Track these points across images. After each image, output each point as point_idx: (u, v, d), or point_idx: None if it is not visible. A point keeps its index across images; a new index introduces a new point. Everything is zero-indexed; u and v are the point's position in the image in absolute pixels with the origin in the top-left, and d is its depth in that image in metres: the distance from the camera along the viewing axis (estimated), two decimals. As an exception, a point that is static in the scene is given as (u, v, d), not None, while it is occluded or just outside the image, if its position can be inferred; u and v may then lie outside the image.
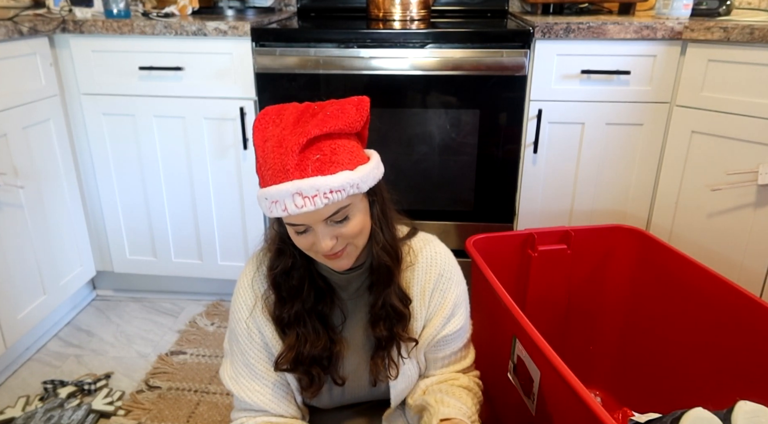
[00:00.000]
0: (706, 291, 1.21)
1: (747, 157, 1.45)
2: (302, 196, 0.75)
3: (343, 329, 0.94)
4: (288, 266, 0.87)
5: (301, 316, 0.89)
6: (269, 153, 0.77)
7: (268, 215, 0.79)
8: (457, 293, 0.96)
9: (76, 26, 1.63)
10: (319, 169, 0.76)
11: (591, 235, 1.42)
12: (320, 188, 0.75)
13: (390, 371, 0.95)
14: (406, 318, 0.93)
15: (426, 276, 0.94)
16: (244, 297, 0.93)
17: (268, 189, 0.76)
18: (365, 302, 0.94)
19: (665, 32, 1.50)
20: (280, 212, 0.76)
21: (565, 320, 1.48)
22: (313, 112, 0.80)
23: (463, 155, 1.67)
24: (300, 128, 0.77)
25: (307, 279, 0.89)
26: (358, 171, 0.79)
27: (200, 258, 1.90)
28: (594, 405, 0.82)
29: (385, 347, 0.93)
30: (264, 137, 0.79)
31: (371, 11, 1.90)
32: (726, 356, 1.17)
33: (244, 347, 0.93)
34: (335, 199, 0.76)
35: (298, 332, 0.89)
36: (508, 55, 1.56)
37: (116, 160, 1.79)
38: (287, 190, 0.75)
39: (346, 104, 0.80)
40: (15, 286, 1.57)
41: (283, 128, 0.78)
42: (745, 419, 0.83)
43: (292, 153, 0.74)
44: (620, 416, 1.37)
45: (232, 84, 1.67)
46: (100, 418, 1.47)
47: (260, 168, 0.79)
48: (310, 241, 0.81)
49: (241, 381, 0.94)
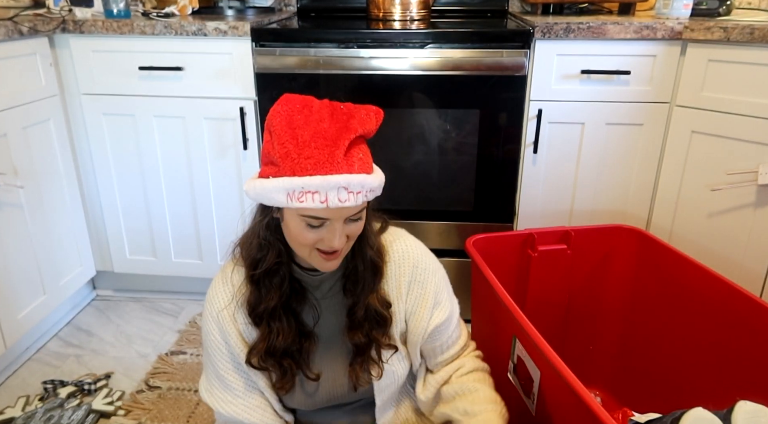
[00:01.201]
0: (706, 291, 1.21)
1: (747, 157, 1.45)
2: (347, 191, 0.76)
3: (315, 326, 0.95)
4: (272, 262, 0.87)
5: (276, 310, 0.89)
6: (308, 142, 0.76)
7: (288, 205, 0.77)
8: (435, 282, 0.96)
9: (76, 26, 1.63)
10: (363, 168, 0.78)
11: (591, 235, 1.42)
12: (364, 186, 0.77)
13: (372, 372, 0.95)
14: (387, 322, 0.93)
15: (399, 270, 0.94)
16: (213, 308, 0.93)
17: (306, 178, 0.75)
18: (341, 303, 0.94)
19: (665, 32, 1.50)
20: (317, 203, 0.76)
21: (565, 320, 1.48)
22: (343, 111, 0.81)
23: (463, 155, 1.67)
24: (342, 124, 0.78)
25: (287, 276, 0.89)
26: (382, 176, 0.83)
27: (200, 258, 1.90)
28: (594, 405, 0.82)
29: (363, 352, 0.94)
30: (292, 124, 0.77)
31: (371, 11, 1.90)
32: (726, 356, 1.17)
33: (214, 359, 0.94)
34: (369, 199, 0.80)
35: (272, 325, 0.89)
36: (508, 55, 1.56)
37: (116, 160, 1.79)
38: (336, 182, 0.75)
39: (369, 111, 0.82)
40: (15, 286, 1.57)
41: (319, 120, 0.78)
42: (745, 419, 0.83)
43: (341, 147, 0.76)
44: (620, 416, 1.37)
45: (232, 84, 1.67)
46: (100, 418, 1.47)
47: (286, 155, 0.76)
48: (319, 236, 0.81)
49: (215, 393, 0.96)
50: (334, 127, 0.78)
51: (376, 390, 0.98)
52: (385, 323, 0.93)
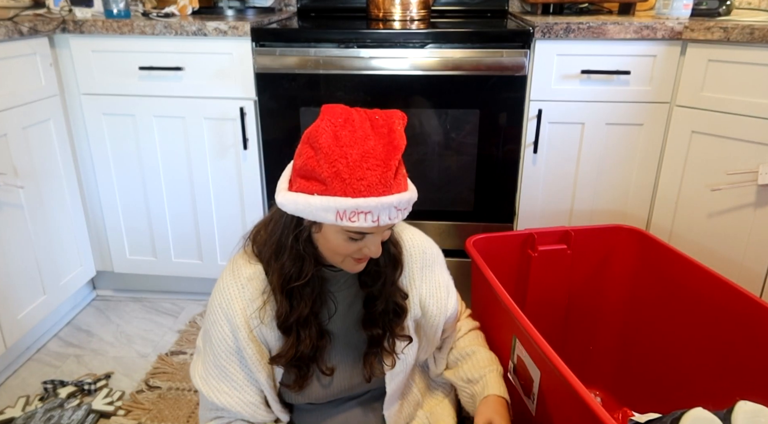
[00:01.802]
0: (706, 291, 1.21)
1: (747, 157, 1.45)
2: (397, 209, 0.79)
3: (330, 321, 0.96)
4: (307, 275, 0.87)
5: (307, 319, 0.90)
6: (358, 162, 0.76)
7: (337, 223, 0.78)
8: (440, 263, 1.05)
9: (76, 26, 1.63)
10: (406, 185, 0.82)
11: (591, 235, 1.42)
12: (410, 202, 0.81)
13: (386, 362, 0.97)
14: (406, 312, 0.97)
15: (411, 258, 0.99)
16: (223, 299, 0.93)
17: (360, 200, 0.76)
18: (355, 294, 0.96)
19: (665, 32, 1.50)
20: (369, 222, 0.77)
21: (565, 320, 1.48)
22: (381, 123, 0.82)
23: (463, 155, 1.67)
24: (386, 141, 0.79)
25: (317, 285, 0.91)
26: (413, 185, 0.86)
27: (200, 258, 1.90)
28: (594, 405, 0.82)
29: (378, 343, 0.96)
30: (339, 141, 0.77)
31: (371, 11, 1.90)
32: (726, 356, 1.17)
33: (217, 349, 0.94)
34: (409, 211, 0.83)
35: (301, 334, 0.90)
36: (508, 55, 1.56)
37: (116, 160, 1.79)
38: (390, 203, 0.77)
39: (399, 120, 0.83)
40: (15, 286, 1.57)
41: (365, 137, 0.79)
42: (745, 419, 0.83)
43: (392, 167, 0.77)
44: (620, 416, 1.37)
45: (232, 84, 1.67)
46: (100, 418, 1.47)
47: (336, 175, 0.76)
48: (359, 246, 0.84)
49: (210, 382, 0.95)
50: (380, 144, 0.79)
51: (388, 378, 1.00)
52: (403, 314, 0.96)
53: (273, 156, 1.73)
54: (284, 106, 1.66)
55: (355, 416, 1.04)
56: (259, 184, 1.77)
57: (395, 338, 0.96)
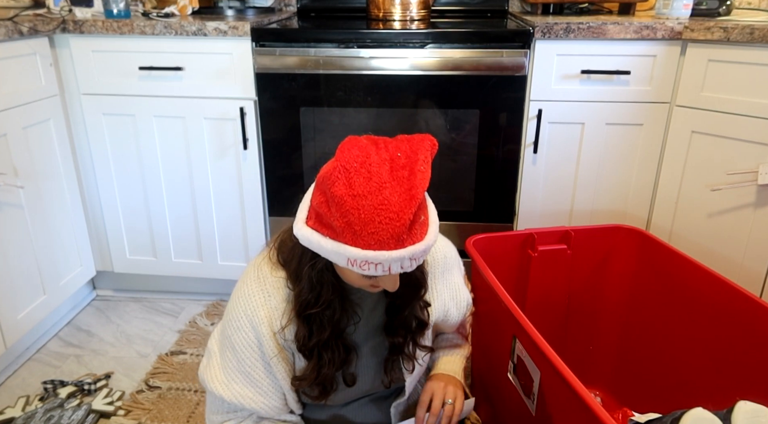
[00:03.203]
0: (706, 291, 1.21)
1: (747, 157, 1.45)
2: (411, 259, 0.75)
3: (355, 331, 0.95)
4: (327, 300, 0.86)
5: (329, 341, 0.89)
6: (371, 216, 0.72)
7: (349, 268, 0.76)
8: (459, 265, 1.07)
9: (76, 26, 1.63)
10: (423, 232, 0.77)
11: (591, 235, 1.42)
12: (426, 250, 0.77)
13: (406, 367, 0.98)
14: (427, 325, 0.96)
15: (434, 265, 1.00)
16: (249, 306, 0.91)
17: (371, 253, 0.73)
18: (378, 301, 0.95)
19: (665, 32, 1.50)
20: (380, 271, 0.75)
21: (565, 320, 1.48)
22: (402, 164, 0.78)
23: (463, 155, 1.67)
24: (404, 189, 0.75)
25: (338, 307, 0.88)
26: (436, 221, 0.81)
27: (200, 258, 1.90)
28: (594, 405, 0.82)
29: (400, 351, 0.96)
30: (352, 191, 0.73)
31: (371, 11, 1.90)
32: (726, 356, 1.17)
33: (242, 356, 0.93)
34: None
35: (323, 356, 0.89)
36: (508, 55, 1.56)
37: (116, 160, 1.79)
38: (401, 256, 0.74)
39: (426, 153, 0.79)
40: (15, 286, 1.57)
41: (381, 186, 0.74)
42: (745, 419, 0.83)
43: (406, 221, 0.73)
44: (620, 416, 1.37)
45: (232, 84, 1.67)
46: (100, 418, 1.47)
47: (346, 227, 0.73)
48: (376, 282, 0.82)
49: (233, 387, 0.94)
50: (397, 193, 0.74)
51: (408, 382, 1.01)
52: (425, 326, 0.96)
53: (273, 156, 1.73)
54: (284, 106, 1.66)
55: (364, 410, 1.05)
56: (259, 185, 1.77)
57: (417, 347, 0.96)
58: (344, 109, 1.64)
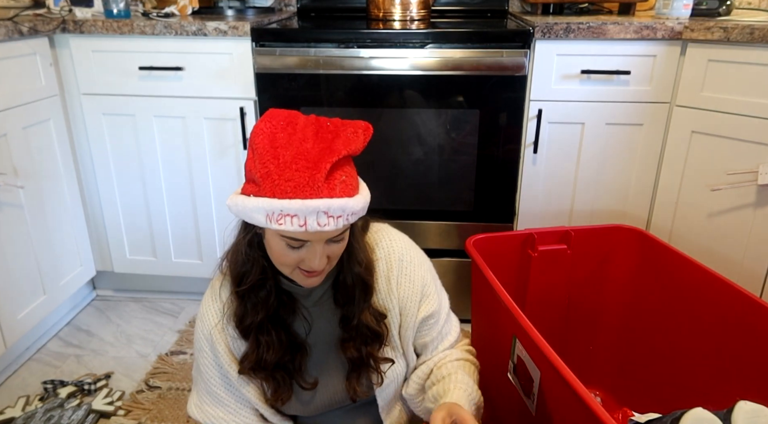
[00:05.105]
0: (706, 291, 1.21)
1: (747, 157, 1.45)
2: (327, 215, 0.74)
3: (308, 336, 0.94)
4: (257, 278, 0.86)
5: (263, 324, 0.88)
6: (288, 163, 0.74)
7: (267, 226, 0.75)
8: (421, 274, 0.96)
9: (76, 26, 1.63)
10: (345, 191, 0.75)
11: (591, 235, 1.42)
12: (345, 210, 0.75)
13: (372, 379, 0.95)
14: (382, 337, 0.92)
15: (387, 266, 0.93)
16: (203, 323, 0.93)
17: (286, 202, 0.73)
18: (333, 310, 0.93)
19: (665, 32, 1.50)
20: (296, 226, 0.74)
21: (565, 320, 1.48)
22: (329, 129, 0.79)
23: (463, 155, 1.67)
24: (325, 145, 0.76)
25: (273, 289, 0.88)
26: (366, 196, 0.80)
27: (200, 258, 1.90)
28: (594, 405, 0.82)
29: (359, 367, 0.93)
30: (274, 143, 0.76)
31: (371, 11, 1.90)
32: (726, 356, 1.17)
33: (206, 376, 0.94)
34: (351, 221, 0.78)
35: (260, 339, 0.89)
36: (508, 55, 1.56)
37: (116, 160, 1.79)
38: (316, 207, 0.73)
39: (357, 128, 0.79)
40: (15, 286, 1.57)
41: (303, 140, 0.76)
42: (745, 419, 0.83)
43: (323, 170, 0.73)
44: (620, 416, 1.38)
45: (232, 84, 1.67)
46: (100, 418, 1.47)
47: (266, 176, 0.74)
48: (300, 257, 0.80)
49: (205, 409, 0.95)
50: (318, 147, 0.75)
51: (377, 391, 0.98)
52: (380, 338, 0.92)
53: (273, 156, 1.72)
54: (284, 106, 1.64)
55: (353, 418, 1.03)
56: (259, 184, 1.77)
57: (377, 362, 0.93)
58: (344, 109, 1.64)
